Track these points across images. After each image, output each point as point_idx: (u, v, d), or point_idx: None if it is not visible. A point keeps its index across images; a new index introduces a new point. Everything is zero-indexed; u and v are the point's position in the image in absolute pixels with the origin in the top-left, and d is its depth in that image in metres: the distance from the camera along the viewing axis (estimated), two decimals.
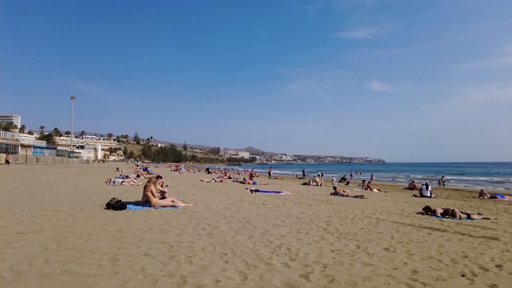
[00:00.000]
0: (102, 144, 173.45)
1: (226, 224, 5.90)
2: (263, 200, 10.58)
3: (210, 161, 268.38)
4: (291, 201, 10.75)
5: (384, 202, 12.25)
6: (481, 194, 16.36)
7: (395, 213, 8.85)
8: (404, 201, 12.76)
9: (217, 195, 11.63)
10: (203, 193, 12.39)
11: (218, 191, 13.63)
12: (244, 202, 9.72)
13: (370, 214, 8.35)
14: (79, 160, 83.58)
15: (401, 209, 10.03)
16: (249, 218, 6.72)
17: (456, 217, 8.17)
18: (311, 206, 9.67)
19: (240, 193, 13.14)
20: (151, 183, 7.98)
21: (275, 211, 8.16)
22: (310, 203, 10.33)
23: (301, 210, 8.57)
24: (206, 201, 9.47)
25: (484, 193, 16.32)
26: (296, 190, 16.66)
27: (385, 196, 15.49)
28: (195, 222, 5.99)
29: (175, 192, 12.05)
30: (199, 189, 14.09)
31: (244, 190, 14.40)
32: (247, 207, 8.56)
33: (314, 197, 12.74)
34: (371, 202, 11.73)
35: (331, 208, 9.41)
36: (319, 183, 22.54)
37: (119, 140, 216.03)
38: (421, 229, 6.41)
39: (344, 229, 6.07)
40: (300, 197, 12.44)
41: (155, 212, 7.03)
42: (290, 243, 4.68)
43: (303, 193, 14.61)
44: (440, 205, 12.08)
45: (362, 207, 9.95)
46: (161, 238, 4.68)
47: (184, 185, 16.79)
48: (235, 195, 12.10)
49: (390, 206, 10.81)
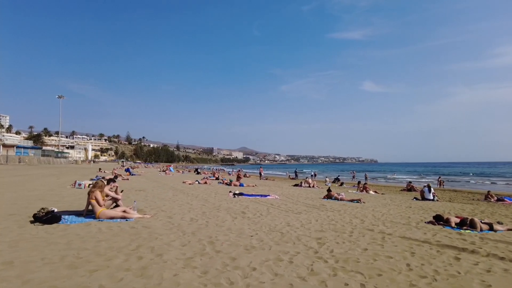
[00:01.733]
0: (93, 144, 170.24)
1: (178, 249, 4.25)
2: (244, 207, 8.96)
3: (203, 161, 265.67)
4: (277, 208, 9.15)
5: (384, 206, 10.74)
6: (487, 196, 14.99)
7: (401, 223, 7.32)
8: (406, 206, 11.27)
9: (192, 201, 9.97)
10: (176, 198, 10.72)
11: (196, 195, 11.96)
12: (220, 210, 8.07)
13: (372, 225, 6.79)
14: (67, 161, 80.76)
15: (405, 216, 8.51)
16: (215, 236, 5.07)
17: (477, 228, 6.66)
18: (300, 214, 8.08)
19: (221, 197, 11.50)
20: (97, 188, 6.29)
21: (254, 222, 6.54)
22: (299, 210, 8.74)
23: (287, 220, 6.96)
24: (172, 210, 7.79)
25: (490, 195, 14.96)
26: (286, 192, 15.08)
27: (384, 199, 14.01)
28: (136, 245, 4.33)
29: (145, 199, 10.39)
30: (174, 193, 12.41)
31: (227, 194, 12.78)
32: (220, 218, 6.92)
33: (305, 202, 11.17)
34: (370, 208, 10.21)
35: (324, 216, 7.83)
36: (311, 184, 21.00)
37: (111, 140, 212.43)
38: (442, 249, 4.86)
39: (341, 251, 4.49)
40: (289, 202, 10.85)
41: (94, 227, 5.35)
42: (262, 285, 3.07)
43: (293, 197, 13.03)
44: (445, 209, 10.63)
45: (361, 215, 8.40)
46: (61, 276, 3.03)
47: (162, 187, 15.08)
48: (213, 200, 10.45)
49: (392, 212, 9.30)
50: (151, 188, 14.51)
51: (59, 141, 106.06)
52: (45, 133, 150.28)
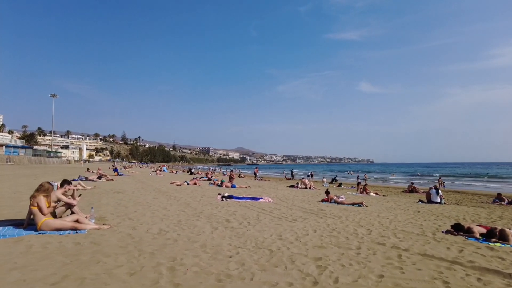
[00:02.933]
0: (87, 144, 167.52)
1: (120, 281, 3.00)
2: (231, 213, 7.72)
3: (199, 161, 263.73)
4: (269, 213, 7.93)
5: (389, 211, 9.58)
6: (498, 198, 13.90)
7: (415, 233, 6.15)
8: (413, 210, 10.11)
9: (171, 205, 8.71)
10: (154, 202, 9.45)
11: (178, 198, 10.70)
12: (200, 218, 6.83)
13: (382, 237, 5.59)
14: (60, 160, 78.82)
15: (417, 224, 7.34)
16: (181, 258, 3.81)
17: (510, 241, 5.50)
18: (295, 222, 6.87)
19: (207, 200, 10.26)
20: (41, 192, 5.01)
21: (238, 235, 5.31)
22: (294, 217, 7.53)
23: (279, 231, 5.74)
24: (142, 218, 6.52)
25: (501, 197, 13.86)
26: (281, 194, 13.88)
27: (387, 201, 12.85)
28: (62, 274, 3.07)
29: (118, 203, 9.12)
30: (155, 196, 11.14)
31: (215, 196, 11.54)
32: (197, 229, 5.68)
33: (301, 206, 9.97)
34: (374, 213, 9.03)
35: (324, 225, 6.63)
36: (308, 185, 19.80)
37: (106, 140, 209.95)
38: (482, 274, 3.67)
39: (349, 281, 3.28)
40: (283, 206, 9.64)
41: (25, 244, 4.08)
42: None
43: (289, 199, 11.82)
44: (458, 214, 9.47)
45: (366, 222, 7.21)
46: None
47: (145, 189, 13.79)
48: (196, 204, 9.20)
49: (400, 218, 8.13)
50: (133, 190, 13.22)
51: (52, 140, 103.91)
52: (39, 132, 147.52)
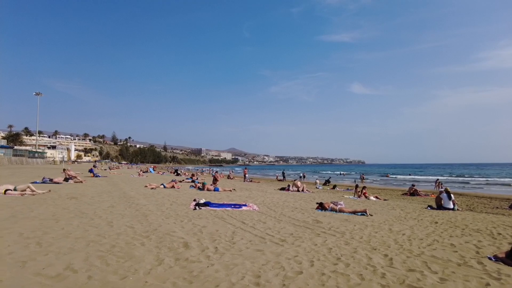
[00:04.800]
0: (76, 144, 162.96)
1: None
2: (197, 230, 5.76)
3: (191, 162, 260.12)
4: (250, 229, 6.00)
5: (401, 222, 7.75)
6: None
7: (453, 262, 4.31)
8: (429, 220, 8.29)
9: (121, 218, 6.68)
10: (107, 212, 7.39)
11: (140, 206, 8.67)
12: (148, 241, 4.84)
13: (412, 273, 3.71)
14: (44, 161, 75.38)
15: (446, 243, 5.51)
16: None
17: None
18: (283, 245, 4.95)
19: (174, 210, 8.27)
20: None
21: (190, 278, 3.35)
22: (283, 236, 5.61)
23: (257, 267, 3.79)
24: (56, 243, 4.51)
25: None
26: (269, 199, 11.97)
27: (391, 207, 11.06)
28: None
29: (53, 215, 7.11)
30: (114, 203, 9.08)
31: (189, 203, 9.58)
32: (131, 263, 3.70)
33: (292, 215, 8.07)
34: (384, 225, 7.18)
35: (324, 250, 4.73)
36: (300, 187, 17.94)
37: (95, 140, 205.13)
38: None
39: None
40: (269, 217, 7.73)
41: None
42: None
43: (278, 206, 9.93)
44: (487, 225, 7.64)
45: (379, 242, 5.35)
46: None
47: (111, 193, 11.68)
48: (157, 216, 7.18)
49: (419, 233, 6.30)
50: (93, 194, 11.13)
51: (37, 140, 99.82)
52: (26, 132, 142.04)
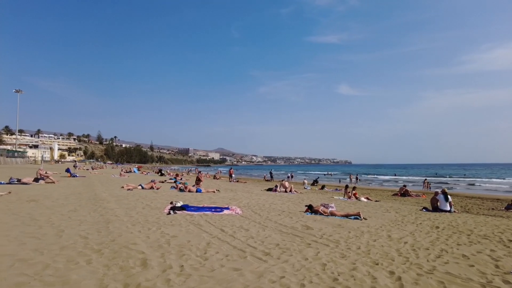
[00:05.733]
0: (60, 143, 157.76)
1: None
2: (165, 241, 4.81)
3: (178, 162, 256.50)
4: (229, 238, 5.09)
5: (399, 227, 6.99)
6: (510, 205, 11.79)
7: (475, 281, 3.53)
8: (428, 224, 7.57)
9: (77, 226, 5.64)
10: (64, 217, 6.32)
11: (108, 210, 7.61)
12: (98, 257, 3.86)
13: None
14: (24, 160, 72.16)
15: (456, 253, 4.75)
16: None
17: None
18: (267, 260, 4.05)
19: (146, 214, 7.26)
20: None
21: None
22: (267, 247, 4.71)
23: None
24: None
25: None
26: (255, 201, 11.08)
27: (385, 210, 10.35)
28: None
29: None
30: (78, 206, 7.98)
31: (165, 206, 8.58)
32: None
33: (279, 220, 7.19)
34: (382, 231, 6.40)
35: (317, 267, 3.86)
36: (288, 188, 17.11)
37: (80, 139, 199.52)
38: None
39: None
40: (253, 222, 6.83)
41: None
42: None
43: (263, 209, 9.05)
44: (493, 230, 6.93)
45: (380, 253, 4.53)
46: None
47: (81, 195, 10.52)
48: (122, 223, 6.17)
49: (422, 241, 5.54)
50: (62, 196, 9.98)
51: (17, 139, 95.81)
52: (6, 131, 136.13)
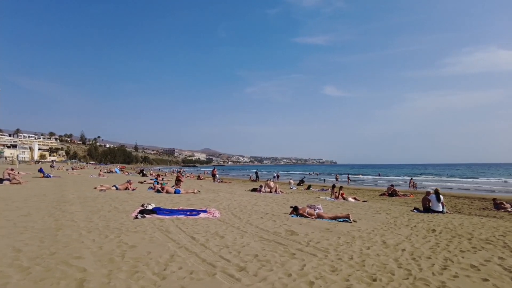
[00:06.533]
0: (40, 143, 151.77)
1: None
2: (120, 253, 3.95)
3: (163, 162, 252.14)
4: (199, 248, 4.28)
5: (392, 231, 6.35)
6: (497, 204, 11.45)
7: None
8: (424, 227, 6.97)
9: (18, 234, 4.73)
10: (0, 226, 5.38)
11: (66, 213, 6.64)
12: (10, 285, 2.99)
13: None
14: (1, 161, 68.77)
15: (463, 263, 4.11)
16: None
17: None
18: (241, 274, 3.27)
19: (109, 219, 6.35)
20: None
21: None
22: (243, 258, 3.93)
23: None
24: None
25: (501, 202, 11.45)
26: (237, 203, 10.29)
27: (375, 211, 9.75)
28: None
29: None
30: (31, 211, 7.00)
31: (135, 209, 7.68)
32: None
33: (260, 224, 6.43)
34: (375, 236, 5.73)
35: (300, 279, 3.10)
36: (273, 188, 16.40)
37: (62, 139, 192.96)
38: None
39: None
40: (231, 227, 6.04)
41: None
42: None
43: (245, 211, 8.27)
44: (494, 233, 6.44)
45: (377, 264, 3.82)
46: None
47: (45, 197, 9.44)
48: (70, 231, 5.27)
49: (421, 247, 4.89)
50: (22, 198, 8.89)
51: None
52: None
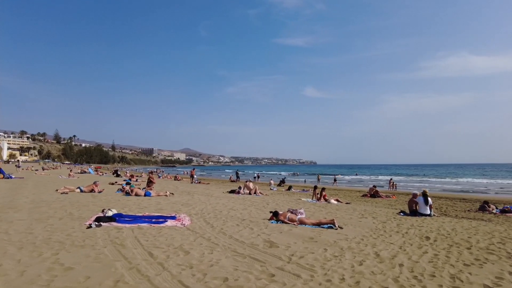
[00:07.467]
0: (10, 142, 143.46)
1: None
2: (48, 280, 3.00)
3: (141, 162, 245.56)
4: (156, 268, 3.40)
5: (381, 238, 5.71)
6: (484, 206, 11.22)
7: None
8: (416, 234, 6.39)
9: None
10: None
11: (1, 224, 5.58)
12: None
13: None
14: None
15: (473, 282, 3.46)
16: None
17: None
18: None
19: (55, 230, 5.30)
20: None
21: None
22: (210, 282, 3.08)
23: None
24: None
25: (488, 204, 11.22)
26: (213, 206, 9.40)
27: (360, 214, 9.16)
28: None
29: None
30: None
31: (92, 215, 6.63)
32: None
33: (235, 233, 5.60)
34: (365, 246, 5.04)
35: None
36: (252, 190, 15.59)
37: (35, 138, 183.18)
38: None
39: None
40: (201, 238, 5.17)
41: None
42: None
43: (219, 218, 7.41)
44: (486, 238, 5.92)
45: (374, 284, 3.11)
46: None
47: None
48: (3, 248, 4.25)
49: (418, 259, 4.24)
50: None
51: None
52: None
